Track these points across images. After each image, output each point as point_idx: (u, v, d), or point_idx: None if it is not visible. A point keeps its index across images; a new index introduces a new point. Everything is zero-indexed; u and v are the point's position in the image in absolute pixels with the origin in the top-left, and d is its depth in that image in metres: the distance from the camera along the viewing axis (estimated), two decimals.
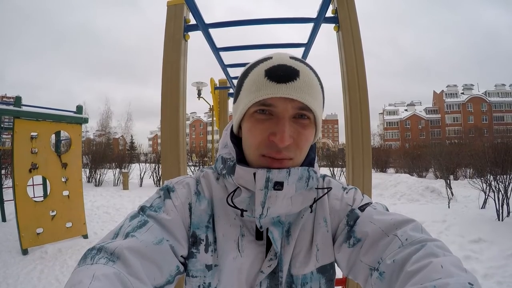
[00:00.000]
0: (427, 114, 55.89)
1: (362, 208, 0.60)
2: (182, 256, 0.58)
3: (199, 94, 10.57)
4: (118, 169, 13.85)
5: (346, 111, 1.74)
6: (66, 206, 4.98)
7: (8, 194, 6.09)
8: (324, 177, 0.69)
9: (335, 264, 0.63)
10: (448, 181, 8.09)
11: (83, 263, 0.45)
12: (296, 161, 0.57)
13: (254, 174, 0.55)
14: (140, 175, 13.14)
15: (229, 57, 2.63)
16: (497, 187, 5.64)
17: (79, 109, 5.46)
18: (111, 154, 17.96)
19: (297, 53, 2.40)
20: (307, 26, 2.00)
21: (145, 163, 14.37)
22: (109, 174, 13.40)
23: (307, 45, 2.22)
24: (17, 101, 4.73)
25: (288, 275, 0.59)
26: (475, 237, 4.42)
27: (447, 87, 54.07)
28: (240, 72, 0.64)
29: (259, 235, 0.60)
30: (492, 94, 51.06)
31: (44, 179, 5.81)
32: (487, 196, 6.10)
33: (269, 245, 0.59)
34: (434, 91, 57.03)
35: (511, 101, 49.75)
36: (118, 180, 13.06)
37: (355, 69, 1.69)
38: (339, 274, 1.02)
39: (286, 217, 0.61)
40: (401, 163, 17.59)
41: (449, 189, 7.63)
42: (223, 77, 4.03)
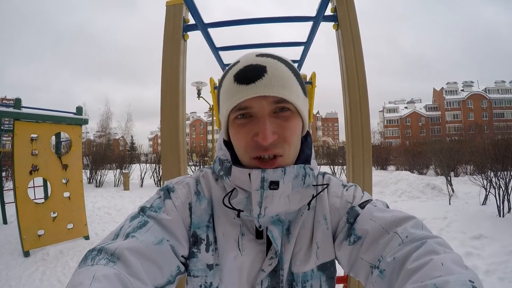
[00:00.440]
0: (427, 111, 55.83)
1: (362, 205, 0.60)
2: (182, 256, 0.58)
3: (198, 93, 10.58)
4: (118, 170, 13.85)
5: (346, 109, 1.74)
6: (67, 207, 4.98)
7: (9, 196, 6.10)
8: (324, 174, 0.69)
9: (336, 261, 0.63)
10: (448, 178, 8.09)
11: (84, 264, 0.45)
12: (287, 156, 0.57)
13: (249, 174, 0.55)
14: (140, 175, 13.16)
15: (228, 57, 2.63)
16: (498, 183, 5.65)
17: (79, 110, 5.46)
18: (111, 155, 17.97)
19: (296, 51, 2.41)
20: (305, 26, 2.00)
21: (146, 164, 14.39)
22: (110, 175, 13.40)
23: (306, 44, 2.22)
24: (17, 103, 4.73)
25: (288, 273, 0.59)
26: (476, 233, 4.42)
27: (447, 84, 53.98)
28: None
29: (259, 234, 0.60)
30: (492, 91, 50.95)
31: (44, 181, 5.82)
32: (487, 192, 6.11)
33: (269, 244, 0.59)
34: (434, 89, 56.95)
35: (511, 98, 49.67)
36: (118, 180, 13.07)
37: (354, 67, 1.69)
38: (341, 271, 1.03)
39: (286, 215, 0.61)
40: (402, 160, 17.58)
41: (449, 186, 7.64)
42: None
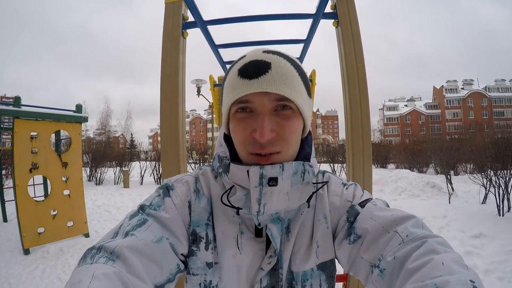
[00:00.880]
0: (427, 109, 55.79)
1: (362, 204, 0.60)
2: (182, 254, 0.58)
3: (198, 91, 10.56)
4: (118, 168, 13.86)
5: (346, 107, 1.74)
6: (67, 205, 4.99)
7: (9, 194, 6.11)
8: (323, 173, 0.69)
9: (336, 260, 0.63)
10: (448, 176, 8.10)
11: (83, 263, 0.45)
12: (285, 154, 0.56)
13: (247, 171, 0.55)
14: (140, 173, 13.16)
15: (228, 54, 2.63)
16: (498, 182, 5.65)
17: (79, 108, 5.45)
18: (111, 152, 17.93)
19: (296, 49, 2.41)
20: (304, 24, 1.99)
21: (145, 161, 14.38)
22: (110, 172, 13.41)
23: (306, 41, 2.21)
24: (17, 101, 4.72)
25: (288, 272, 0.59)
26: (476, 232, 4.43)
27: (447, 82, 53.92)
28: None
29: (259, 232, 0.60)
30: (492, 89, 50.92)
31: (44, 179, 5.82)
32: (487, 191, 6.11)
33: (269, 242, 0.59)
34: (434, 87, 56.88)
35: (511, 96, 49.64)
36: (118, 178, 13.07)
37: (354, 64, 1.68)
38: (340, 270, 1.02)
39: (285, 213, 0.60)
40: (402, 158, 17.56)
41: (449, 185, 7.64)
42: (222, 74, 4.02)
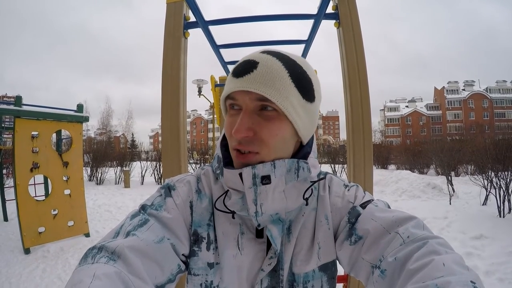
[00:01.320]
0: (428, 110, 55.70)
1: (363, 205, 0.60)
2: (183, 254, 0.58)
3: (199, 91, 10.57)
4: (119, 168, 13.85)
5: (347, 108, 1.73)
6: (67, 205, 4.99)
7: (9, 193, 6.12)
8: (325, 174, 0.69)
9: (337, 261, 0.63)
10: (449, 177, 8.08)
11: (84, 263, 0.45)
12: (264, 156, 0.55)
13: (240, 174, 0.55)
14: (141, 173, 13.16)
15: (229, 55, 2.63)
16: (499, 183, 5.64)
17: (80, 108, 5.46)
18: (112, 152, 17.93)
19: (298, 50, 2.41)
20: (305, 25, 2.00)
21: (146, 161, 14.40)
22: (111, 172, 13.42)
23: (308, 42, 2.21)
24: (18, 100, 4.74)
25: (289, 273, 0.59)
26: (476, 233, 4.42)
27: (448, 83, 53.84)
28: None
29: (259, 233, 0.60)
30: (493, 90, 50.80)
31: (45, 178, 5.82)
32: (488, 192, 6.10)
33: (270, 243, 0.59)
34: (435, 87, 56.80)
35: None
36: (119, 178, 13.07)
37: (356, 65, 1.68)
38: (341, 271, 1.02)
39: (286, 214, 0.60)
40: (402, 159, 17.55)
41: (450, 186, 7.63)
42: (224, 74, 4.02)
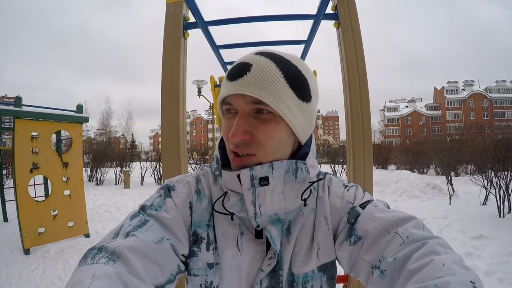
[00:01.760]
0: (428, 110, 55.71)
1: (363, 205, 0.60)
2: (183, 255, 0.58)
3: (199, 92, 10.57)
4: (119, 168, 13.84)
5: (346, 108, 1.73)
6: (67, 205, 4.99)
7: (9, 194, 6.11)
8: (325, 174, 0.69)
9: (336, 261, 0.63)
10: (449, 177, 8.08)
11: (84, 263, 0.45)
12: (261, 158, 0.55)
13: (238, 176, 0.55)
14: (141, 173, 13.16)
15: (229, 55, 2.63)
16: (498, 183, 5.64)
17: (80, 108, 5.46)
18: (112, 153, 17.94)
19: (297, 51, 2.41)
20: (304, 26, 2.00)
21: (146, 162, 14.39)
22: (110, 173, 13.41)
23: (307, 42, 2.22)
24: (17, 101, 4.73)
25: (289, 273, 0.59)
26: (476, 233, 4.42)
27: (447, 83, 53.86)
28: None
29: (259, 234, 0.60)
30: (493, 90, 50.82)
31: (45, 179, 5.82)
32: (488, 192, 6.10)
33: (269, 244, 0.59)
34: (434, 87, 56.81)
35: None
36: (119, 178, 13.06)
37: (355, 65, 1.68)
38: (341, 271, 1.02)
39: (285, 215, 0.60)
40: (402, 159, 17.56)
41: (450, 186, 7.63)
42: (223, 75, 4.02)
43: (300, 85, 0.56)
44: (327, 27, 1.86)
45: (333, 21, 1.78)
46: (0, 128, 6.05)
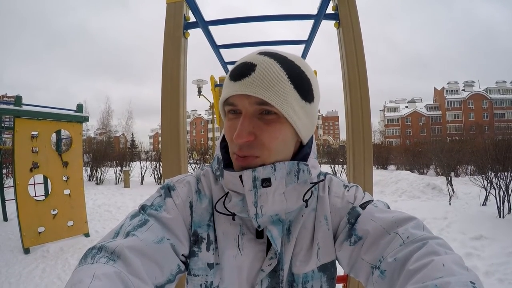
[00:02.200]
0: (428, 111, 55.71)
1: (363, 206, 0.60)
2: (183, 255, 0.58)
3: (199, 91, 10.57)
4: (119, 167, 13.85)
5: (347, 108, 1.74)
6: (67, 204, 4.99)
7: (9, 193, 6.12)
8: (325, 175, 0.69)
9: (336, 261, 0.63)
10: (449, 178, 8.09)
11: (84, 263, 0.45)
12: (265, 159, 0.55)
13: (240, 177, 0.55)
14: (141, 173, 13.15)
15: (229, 55, 2.63)
16: (498, 184, 5.64)
17: (80, 108, 5.46)
18: (112, 152, 17.94)
19: (297, 51, 2.41)
20: (305, 26, 2.00)
21: (146, 161, 14.39)
22: (110, 172, 13.41)
23: (308, 42, 2.22)
24: (18, 100, 4.74)
25: (289, 273, 0.59)
26: (476, 234, 4.42)
27: (448, 83, 53.86)
28: None
29: (259, 234, 0.60)
30: (493, 91, 50.81)
31: (45, 178, 5.82)
32: (488, 193, 6.10)
33: (270, 244, 0.59)
34: (434, 88, 56.83)
35: None
36: (119, 178, 13.06)
37: (356, 65, 1.68)
38: (341, 271, 1.02)
39: (286, 215, 0.60)
40: (402, 160, 17.55)
41: (450, 186, 7.63)
42: (223, 74, 4.02)
43: (303, 86, 0.56)
44: (327, 27, 1.86)
45: (334, 21, 1.78)
46: (0, 127, 6.06)
